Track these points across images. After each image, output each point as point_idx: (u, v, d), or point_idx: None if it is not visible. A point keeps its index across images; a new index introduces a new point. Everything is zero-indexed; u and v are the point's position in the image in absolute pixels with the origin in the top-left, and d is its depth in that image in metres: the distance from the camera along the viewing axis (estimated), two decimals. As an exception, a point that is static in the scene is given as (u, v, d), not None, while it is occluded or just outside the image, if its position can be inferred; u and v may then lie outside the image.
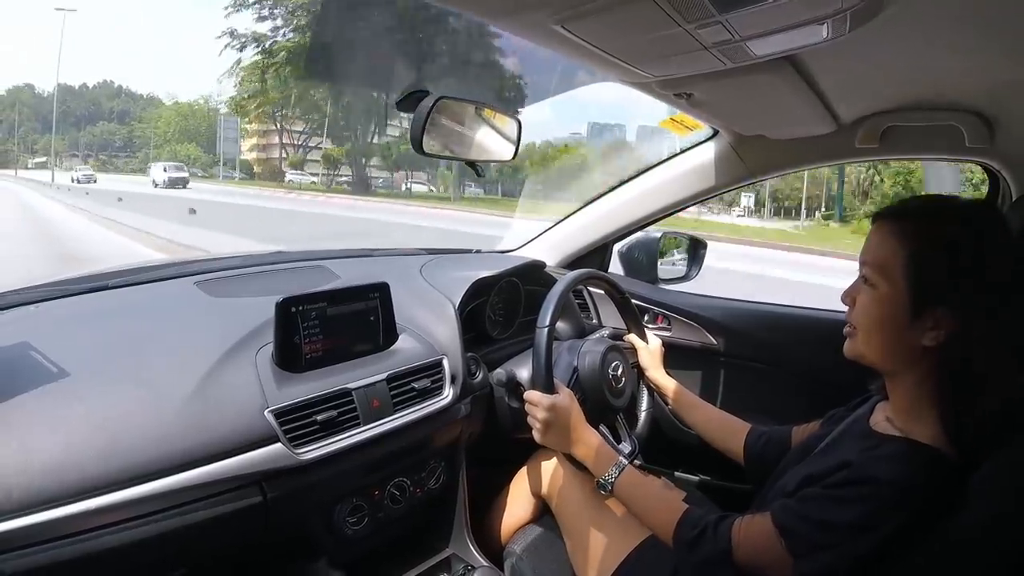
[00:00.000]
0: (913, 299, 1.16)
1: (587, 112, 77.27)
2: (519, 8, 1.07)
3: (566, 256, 2.65)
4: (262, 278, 1.98)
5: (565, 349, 1.96)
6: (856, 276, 1.30)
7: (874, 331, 1.23)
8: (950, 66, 1.44)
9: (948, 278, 1.15)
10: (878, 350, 1.24)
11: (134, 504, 1.18)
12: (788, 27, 1.10)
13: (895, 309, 1.19)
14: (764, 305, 2.48)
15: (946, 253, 1.15)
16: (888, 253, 1.20)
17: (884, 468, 1.13)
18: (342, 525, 1.58)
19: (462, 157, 1.76)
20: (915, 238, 1.18)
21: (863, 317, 1.25)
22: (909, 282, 1.17)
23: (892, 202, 1.28)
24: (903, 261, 1.18)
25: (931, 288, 1.15)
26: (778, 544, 1.18)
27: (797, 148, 2.10)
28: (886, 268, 1.20)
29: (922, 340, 1.16)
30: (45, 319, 1.56)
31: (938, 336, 1.15)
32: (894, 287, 1.19)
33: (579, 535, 1.79)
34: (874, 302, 1.22)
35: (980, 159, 1.86)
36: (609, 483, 1.51)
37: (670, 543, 1.36)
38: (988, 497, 1.08)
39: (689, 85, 1.52)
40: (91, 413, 1.24)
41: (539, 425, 1.64)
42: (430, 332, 1.85)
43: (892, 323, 1.20)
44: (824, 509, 1.16)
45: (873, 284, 1.22)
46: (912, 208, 1.26)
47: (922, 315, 1.16)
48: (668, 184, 2.42)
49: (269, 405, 1.40)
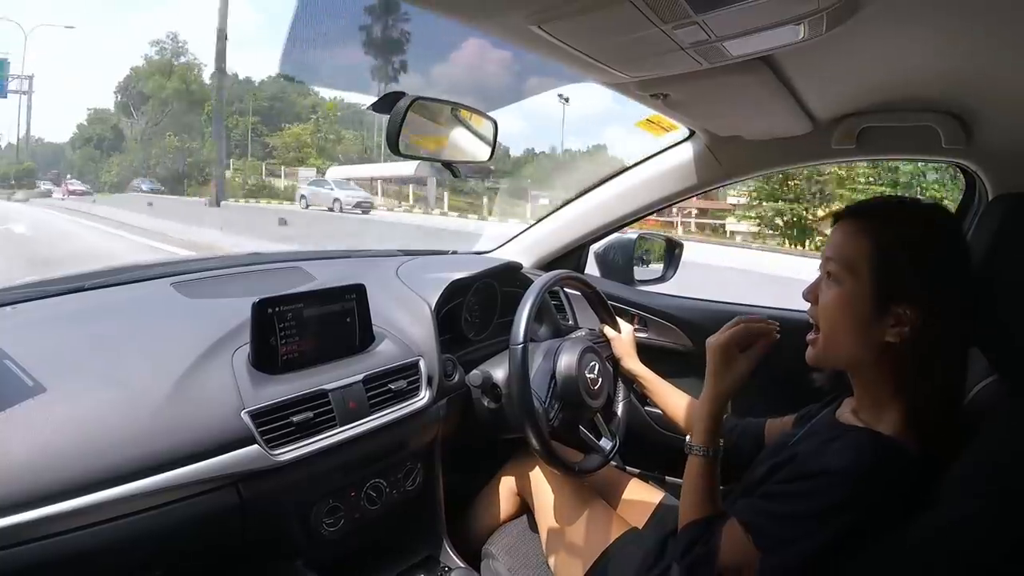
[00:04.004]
0: (877, 294, 1.18)
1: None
2: (495, 10, 1.07)
3: (542, 257, 2.65)
4: (239, 279, 1.98)
5: (541, 352, 1.96)
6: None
7: (838, 326, 1.25)
8: (926, 67, 1.45)
9: (911, 275, 1.17)
10: (841, 346, 1.26)
11: (111, 505, 1.17)
12: (765, 27, 1.10)
13: (859, 304, 1.20)
14: (740, 306, 2.48)
15: (910, 250, 1.18)
16: (853, 249, 1.22)
17: (835, 458, 1.15)
18: (319, 526, 1.58)
19: (438, 158, 1.76)
20: (880, 235, 1.20)
21: (827, 312, 1.26)
22: (874, 277, 1.19)
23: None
24: (869, 257, 1.20)
25: (895, 284, 1.17)
26: (747, 541, 1.19)
27: (774, 149, 2.10)
28: (852, 264, 1.22)
29: (884, 336, 1.18)
30: (22, 320, 1.55)
31: (900, 332, 1.17)
32: (859, 282, 1.20)
33: (556, 533, 1.80)
34: (838, 298, 1.23)
35: (956, 160, 1.87)
36: (704, 452, 1.42)
37: (681, 527, 1.37)
38: (953, 496, 1.08)
39: (665, 86, 1.52)
40: (67, 415, 1.23)
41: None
42: (406, 333, 1.85)
43: (856, 318, 1.21)
44: (781, 502, 1.18)
45: (838, 280, 1.24)
46: (876, 207, 1.28)
47: (885, 311, 1.18)
48: (644, 185, 2.41)
49: (245, 406, 1.40)
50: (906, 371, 1.20)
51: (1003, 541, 1.00)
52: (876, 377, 1.24)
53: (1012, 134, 1.68)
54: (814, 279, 1.31)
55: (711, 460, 1.41)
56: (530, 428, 1.72)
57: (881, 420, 1.21)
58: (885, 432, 1.17)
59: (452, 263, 2.51)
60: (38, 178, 45.15)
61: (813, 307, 1.30)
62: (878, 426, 1.20)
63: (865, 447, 1.15)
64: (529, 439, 1.74)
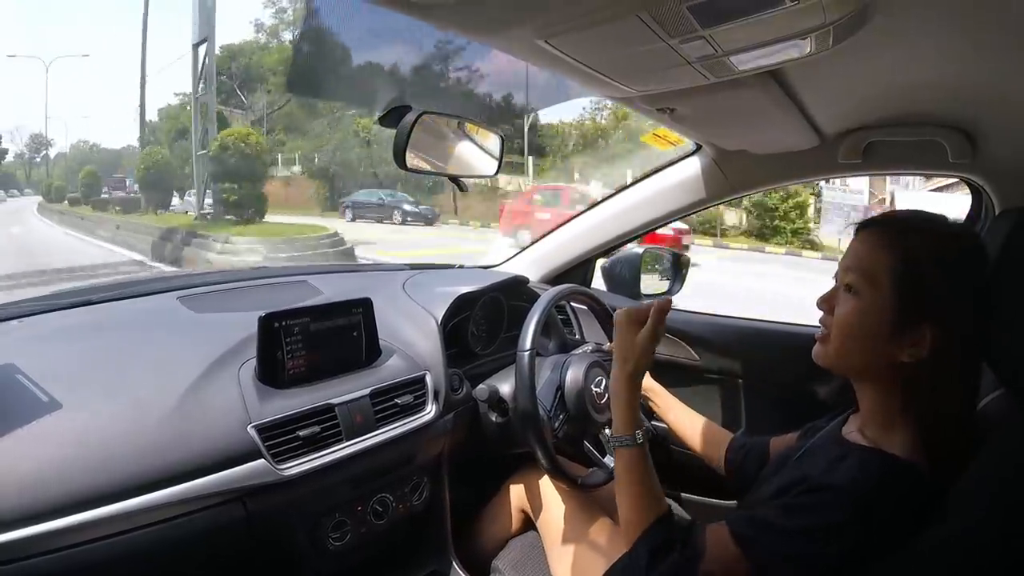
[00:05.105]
0: (897, 310, 1.15)
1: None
2: (504, 25, 1.07)
3: (549, 271, 2.65)
4: (245, 293, 1.98)
5: (548, 366, 1.96)
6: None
7: (851, 339, 1.21)
8: (933, 82, 1.45)
9: (936, 294, 1.13)
10: (851, 359, 1.23)
11: (117, 519, 1.18)
12: (771, 42, 1.10)
13: (877, 319, 1.17)
14: (748, 321, 2.48)
15: (938, 268, 1.14)
16: (876, 262, 1.18)
17: (841, 475, 1.12)
18: (325, 540, 1.57)
19: (445, 172, 1.76)
20: (906, 250, 1.16)
21: (842, 324, 1.22)
22: (896, 292, 1.15)
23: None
24: (892, 271, 1.16)
25: (918, 301, 1.14)
26: (737, 552, 1.16)
27: (780, 163, 2.10)
28: (873, 277, 1.17)
29: (900, 355, 1.15)
30: (28, 334, 1.56)
31: (917, 352, 1.14)
32: (881, 296, 1.16)
33: (562, 550, 1.79)
34: (856, 310, 1.19)
35: (963, 174, 1.87)
36: (628, 441, 1.39)
37: (631, 541, 1.31)
38: (960, 510, 1.07)
39: (672, 100, 1.52)
40: (74, 428, 1.24)
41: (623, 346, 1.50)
42: (413, 347, 1.85)
43: (872, 333, 1.18)
44: (779, 516, 1.15)
45: (857, 292, 1.19)
46: (904, 220, 1.24)
47: (904, 328, 1.14)
48: (650, 199, 2.41)
49: (252, 420, 1.40)
50: (918, 390, 1.17)
51: (1007, 556, 0.99)
52: (885, 393, 1.21)
53: (1018, 149, 1.67)
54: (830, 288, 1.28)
55: (640, 448, 1.38)
56: (535, 440, 1.73)
57: (889, 439, 1.18)
58: (893, 451, 1.14)
59: (458, 277, 2.50)
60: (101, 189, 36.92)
61: (827, 316, 1.27)
62: (885, 445, 1.16)
63: (872, 467, 1.12)
64: (534, 451, 1.74)
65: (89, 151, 57.88)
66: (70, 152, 58.00)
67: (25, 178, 59.31)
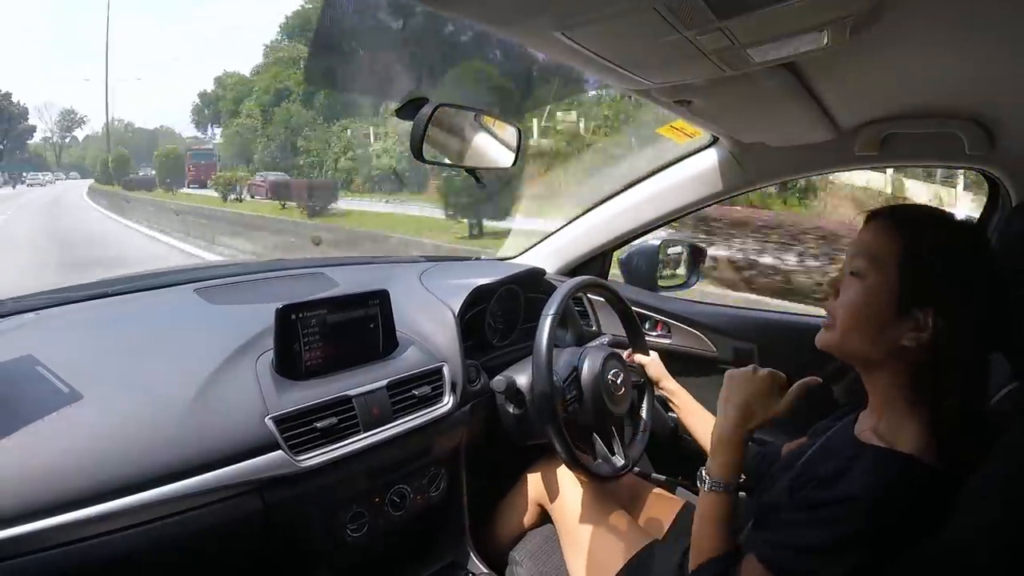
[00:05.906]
0: (900, 293, 1.16)
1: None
2: (521, 16, 1.07)
3: (566, 263, 2.64)
4: (262, 285, 1.99)
5: (566, 357, 1.95)
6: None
7: (855, 322, 1.22)
8: (950, 74, 1.44)
9: (939, 281, 1.15)
10: (855, 342, 1.23)
11: (134, 511, 1.18)
12: (788, 34, 1.10)
13: (881, 301, 1.18)
14: (764, 312, 2.47)
15: (941, 258, 1.15)
16: (883, 246, 1.19)
17: (861, 483, 1.11)
18: (342, 532, 1.58)
19: (461, 164, 1.76)
20: (913, 238, 1.18)
21: (846, 305, 1.23)
22: (900, 276, 1.16)
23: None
24: (899, 255, 1.17)
25: (921, 286, 1.15)
26: None
27: (797, 155, 2.09)
28: (879, 260, 1.19)
29: (902, 339, 1.16)
30: (45, 327, 1.57)
31: (918, 337, 1.14)
32: (886, 279, 1.18)
33: (578, 543, 1.79)
34: (860, 293, 1.21)
35: (980, 166, 1.86)
36: (725, 488, 1.37)
37: (696, 564, 1.33)
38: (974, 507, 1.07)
39: (689, 92, 1.51)
40: (91, 421, 1.24)
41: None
42: (430, 339, 1.86)
43: (875, 316, 1.19)
44: (804, 534, 1.14)
45: (862, 275, 1.21)
46: (914, 210, 1.28)
47: (906, 312, 1.15)
48: (668, 191, 2.41)
49: (269, 412, 1.41)
50: (922, 380, 1.17)
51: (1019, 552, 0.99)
52: (890, 383, 1.21)
53: None
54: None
55: (730, 495, 1.37)
56: (552, 430, 1.72)
57: (901, 436, 1.17)
58: (906, 450, 1.15)
59: (475, 269, 2.51)
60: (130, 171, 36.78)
61: (832, 300, 1.28)
62: (899, 444, 1.16)
63: (889, 469, 1.12)
64: (552, 441, 1.74)
65: (123, 131, 57.45)
66: (101, 132, 56.86)
67: (55, 161, 58.70)
